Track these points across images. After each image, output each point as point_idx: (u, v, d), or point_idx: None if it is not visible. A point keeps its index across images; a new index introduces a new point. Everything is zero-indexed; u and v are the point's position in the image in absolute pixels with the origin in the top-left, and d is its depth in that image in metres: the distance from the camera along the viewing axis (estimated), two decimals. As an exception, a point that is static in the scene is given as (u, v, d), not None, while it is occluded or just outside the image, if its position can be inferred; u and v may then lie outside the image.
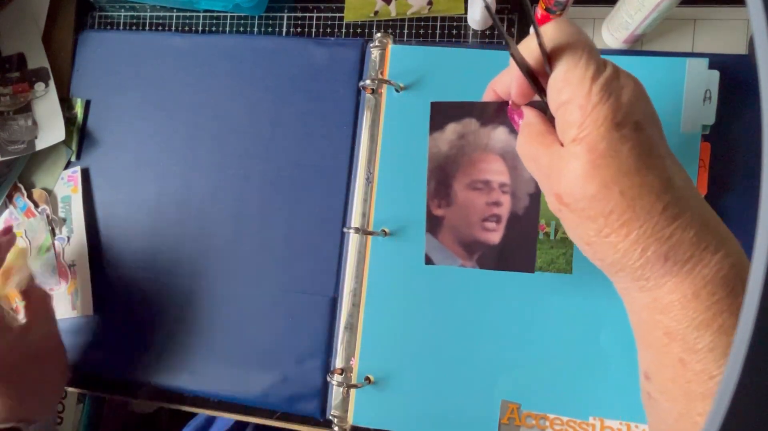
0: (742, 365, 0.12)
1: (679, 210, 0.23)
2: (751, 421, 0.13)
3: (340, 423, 0.40)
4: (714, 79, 0.38)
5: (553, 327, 0.38)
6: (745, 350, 0.12)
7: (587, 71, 0.23)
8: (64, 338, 0.48)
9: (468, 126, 0.31)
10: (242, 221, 0.45)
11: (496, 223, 0.32)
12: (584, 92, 0.23)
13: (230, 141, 0.46)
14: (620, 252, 0.24)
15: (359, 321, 0.41)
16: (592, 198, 0.23)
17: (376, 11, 0.45)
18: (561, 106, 0.24)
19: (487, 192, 0.32)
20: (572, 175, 0.24)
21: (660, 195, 0.23)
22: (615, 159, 0.23)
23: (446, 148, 0.32)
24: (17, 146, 0.48)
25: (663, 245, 0.23)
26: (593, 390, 0.38)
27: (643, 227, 0.23)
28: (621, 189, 0.23)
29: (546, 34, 0.24)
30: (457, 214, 0.33)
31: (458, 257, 0.34)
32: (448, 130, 0.32)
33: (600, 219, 0.23)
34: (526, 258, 0.32)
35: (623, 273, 0.25)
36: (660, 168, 0.23)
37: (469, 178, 0.32)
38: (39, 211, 0.49)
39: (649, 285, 0.24)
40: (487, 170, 0.32)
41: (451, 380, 0.39)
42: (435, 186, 0.33)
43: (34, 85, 0.49)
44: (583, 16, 0.42)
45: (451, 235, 0.34)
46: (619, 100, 0.23)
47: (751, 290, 0.13)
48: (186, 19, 0.50)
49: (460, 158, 0.32)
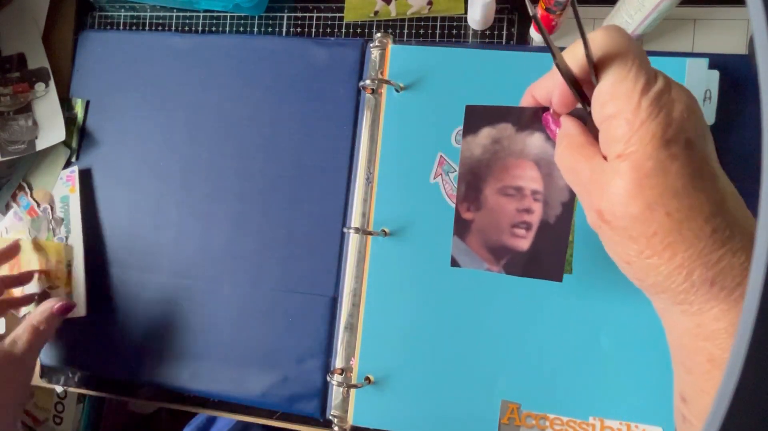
0: (741, 367, 0.12)
1: (730, 233, 0.22)
2: (750, 422, 0.13)
3: (340, 423, 0.40)
4: (714, 79, 0.38)
5: (553, 327, 0.38)
6: (744, 351, 0.12)
7: (636, 84, 0.22)
8: (64, 338, 0.48)
9: (503, 131, 0.30)
10: (242, 221, 0.45)
11: (525, 230, 0.31)
12: (632, 107, 0.22)
13: (230, 141, 0.46)
14: (662, 275, 0.23)
15: (359, 321, 0.41)
16: (635, 218, 0.22)
17: (376, 11, 0.45)
18: (606, 119, 0.23)
19: (518, 198, 0.31)
20: (615, 192, 0.22)
21: (709, 218, 0.21)
22: (662, 179, 0.21)
23: (479, 152, 0.31)
24: (17, 146, 0.48)
25: (710, 270, 0.22)
26: (593, 390, 0.38)
27: (689, 251, 0.22)
28: (667, 210, 0.22)
29: (594, 41, 0.23)
30: (486, 218, 0.32)
31: (485, 261, 0.33)
32: (482, 134, 0.31)
33: (642, 240, 0.22)
34: (554, 267, 0.31)
35: (665, 295, 0.23)
36: (711, 188, 0.22)
37: (501, 183, 0.31)
38: (41, 210, 0.49)
39: (692, 309, 0.23)
40: (521, 176, 0.31)
41: (451, 380, 0.39)
42: (465, 190, 0.32)
43: (34, 85, 0.49)
44: (583, 16, 0.42)
45: (479, 239, 0.33)
46: (669, 115, 0.21)
47: (751, 290, 0.13)
48: (186, 19, 0.50)
49: (493, 163, 0.31)
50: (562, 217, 0.30)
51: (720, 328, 0.22)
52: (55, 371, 0.49)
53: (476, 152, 0.31)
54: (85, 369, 0.48)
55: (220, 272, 0.45)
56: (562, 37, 0.42)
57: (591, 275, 0.38)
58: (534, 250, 0.31)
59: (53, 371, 0.49)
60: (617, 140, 0.22)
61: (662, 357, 0.37)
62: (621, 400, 0.37)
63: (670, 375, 0.37)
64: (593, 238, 0.38)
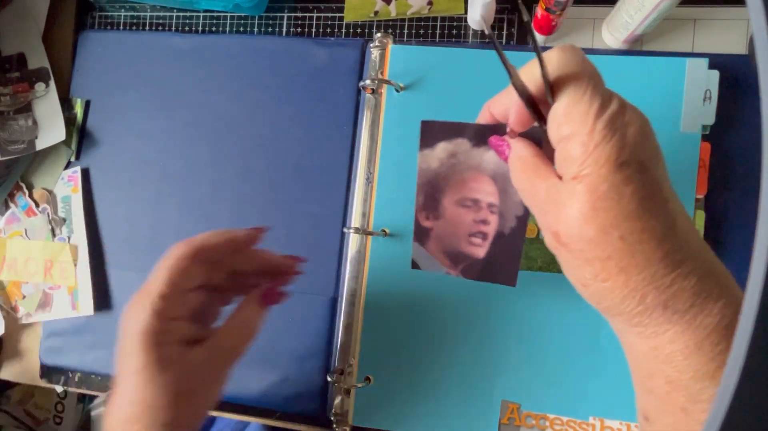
0: (740, 370, 0.12)
1: (681, 257, 0.22)
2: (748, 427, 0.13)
3: (340, 423, 0.40)
4: (714, 79, 0.38)
5: (553, 328, 0.38)
6: (744, 353, 0.12)
7: (591, 106, 0.22)
8: (64, 338, 0.48)
9: (460, 146, 0.31)
10: (242, 221, 0.45)
11: (482, 239, 0.33)
12: (587, 129, 0.22)
13: (230, 141, 0.46)
14: (617, 299, 0.23)
15: (359, 321, 0.41)
16: (590, 241, 0.22)
17: (376, 11, 0.45)
18: (562, 140, 0.23)
19: (475, 210, 0.32)
20: (571, 215, 0.22)
21: (661, 241, 0.22)
22: (616, 202, 0.21)
23: (436, 164, 0.32)
24: (17, 146, 0.48)
25: (662, 293, 0.22)
26: (593, 391, 0.38)
27: (641, 275, 0.22)
28: (621, 234, 0.22)
29: (550, 61, 0.23)
30: (444, 227, 0.33)
31: (444, 266, 0.34)
32: (438, 148, 0.32)
33: (597, 264, 0.22)
34: (509, 273, 0.33)
35: (620, 317, 0.24)
36: (663, 212, 0.22)
37: (458, 194, 0.32)
38: (40, 210, 0.49)
39: (647, 332, 0.23)
40: (477, 190, 0.32)
41: (451, 380, 0.39)
42: (424, 200, 0.33)
43: (34, 85, 0.49)
44: (583, 16, 0.42)
45: (438, 245, 0.34)
46: (623, 138, 0.21)
47: (751, 290, 0.13)
48: (186, 19, 0.50)
49: (450, 176, 0.32)
50: (516, 229, 0.31)
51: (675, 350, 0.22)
52: (55, 371, 0.49)
53: (433, 165, 0.32)
54: (85, 369, 0.48)
55: (220, 272, 0.45)
56: (563, 37, 0.42)
57: (591, 275, 0.38)
58: (490, 257, 0.33)
59: (53, 371, 0.49)
60: (572, 161, 0.22)
61: (662, 357, 0.37)
62: (621, 400, 0.37)
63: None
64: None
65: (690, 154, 0.38)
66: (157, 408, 0.27)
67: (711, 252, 0.24)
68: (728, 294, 0.23)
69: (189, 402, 0.28)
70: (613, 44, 0.41)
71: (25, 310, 0.49)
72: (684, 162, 0.38)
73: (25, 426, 0.77)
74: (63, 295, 0.48)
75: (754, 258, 0.13)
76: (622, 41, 0.40)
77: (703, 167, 0.38)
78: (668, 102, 0.38)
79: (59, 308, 0.48)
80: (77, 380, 0.49)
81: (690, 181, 0.37)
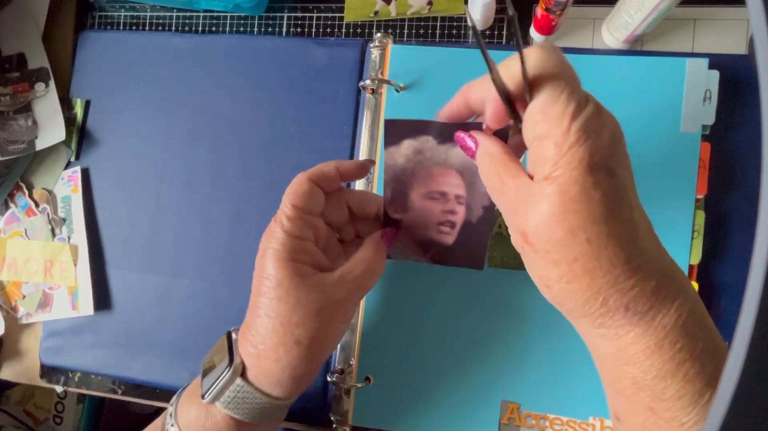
0: (740, 370, 0.12)
1: (642, 261, 0.22)
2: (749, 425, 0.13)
3: (340, 423, 0.40)
4: (714, 79, 0.38)
5: (553, 328, 0.38)
6: (744, 352, 0.12)
7: (567, 107, 0.22)
8: (64, 338, 0.48)
9: (425, 143, 0.32)
10: (242, 221, 0.45)
11: (450, 228, 0.33)
12: (562, 130, 0.22)
13: (230, 141, 0.46)
14: (581, 301, 0.23)
15: (359, 321, 0.41)
16: (558, 242, 0.22)
17: (376, 11, 0.45)
18: (536, 139, 0.23)
19: (443, 201, 0.33)
20: (540, 216, 0.23)
21: (625, 245, 0.22)
22: (586, 205, 0.22)
23: (402, 161, 0.33)
24: (17, 146, 0.48)
25: (624, 296, 0.22)
26: (593, 391, 0.38)
27: (606, 278, 0.22)
28: (588, 236, 0.22)
29: (528, 59, 0.23)
30: (413, 218, 0.34)
31: (413, 254, 0.36)
32: (404, 145, 0.32)
33: (563, 265, 0.23)
34: (476, 258, 0.34)
35: (584, 320, 0.24)
36: (628, 217, 0.22)
37: (426, 188, 0.33)
38: (40, 210, 0.49)
39: (610, 334, 0.24)
40: (445, 183, 0.32)
41: (451, 380, 0.39)
42: (391, 195, 0.34)
43: (34, 85, 0.49)
44: (583, 16, 0.42)
45: (408, 236, 0.35)
46: (597, 142, 0.22)
47: (752, 290, 0.13)
48: (186, 19, 0.50)
49: (417, 171, 0.33)
50: (483, 217, 0.33)
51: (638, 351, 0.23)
52: (55, 371, 0.49)
53: (399, 161, 0.33)
54: (85, 369, 0.48)
55: (220, 272, 0.45)
56: (563, 37, 0.42)
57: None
58: (458, 244, 0.34)
59: (53, 371, 0.49)
60: (545, 161, 0.22)
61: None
62: (621, 400, 0.37)
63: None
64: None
65: (690, 154, 0.38)
66: (291, 324, 0.28)
67: (669, 256, 0.24)
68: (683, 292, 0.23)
69: (320, 323, 0.29)
70: (613, 44, 0.41)
71: (25, 310, 0.49)
72: (684, 162, 0.38)
73: (25, 426, 0.77)
74: (63, 295, 0.48)
75: (754, 258, 0.13)
76: (622, 41, 0.40)
77: (703, 167, 0.38)
78: (668, 102, 0.38)
79: (59, 308, 0.48)
80: (77, 380, 0.49)
81: (690, 181, 0.37)
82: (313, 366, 0.31)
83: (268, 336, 0.29)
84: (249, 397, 0.30)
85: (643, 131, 0.38)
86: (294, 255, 0.29)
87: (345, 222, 0.35)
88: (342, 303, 0.30)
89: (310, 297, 0.29)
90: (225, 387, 0.30)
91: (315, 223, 0.32)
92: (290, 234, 0.30)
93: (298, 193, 0.31)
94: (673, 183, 0.38)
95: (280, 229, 0.30)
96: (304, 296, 0.28)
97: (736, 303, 0.38)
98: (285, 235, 0.30)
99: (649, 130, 0.38)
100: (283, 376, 0.29)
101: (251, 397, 0.30)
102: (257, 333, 0.30)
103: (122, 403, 0.80)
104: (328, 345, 0.31)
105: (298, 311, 0.28)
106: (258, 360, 0.30)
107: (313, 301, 0.29)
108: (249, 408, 0.30)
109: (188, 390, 0.34)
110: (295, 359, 0.29)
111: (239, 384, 0.30)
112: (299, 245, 0.30)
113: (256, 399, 0.30)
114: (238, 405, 0.30)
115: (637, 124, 0.38)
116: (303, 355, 0.29)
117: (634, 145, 0.38)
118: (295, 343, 0.29)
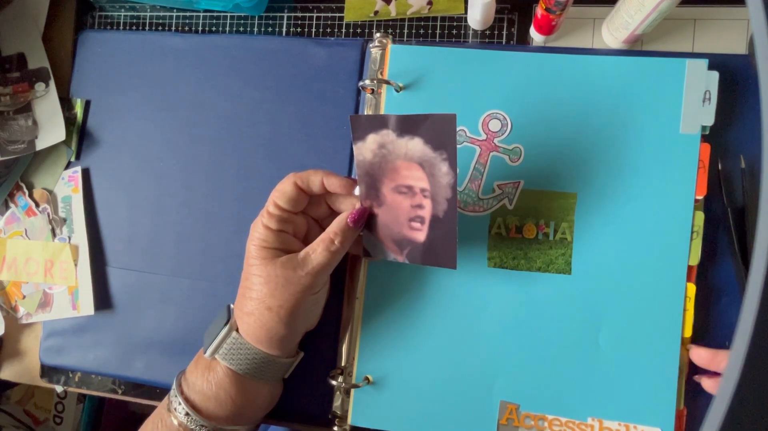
0: (740, 370, 0.12)
1: None
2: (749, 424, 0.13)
3: (340, 423, 0.41)
4: (713, 80, 0.38)
5: (551, 328, 0.38)
6: (744, 353, 0.12)
7: None
8: (64, 338, 0.48)
9: (386, 137, 0.34)
10: (242, 221, 0.45)
11: (420, 224, 0.35)
12: None
13: (230, 141, 0.46)
14: None
15: (358, 321, 0.41)
16: None
17: (376, 11, 0.45)
18: None
19: (410, 196, 0.35)
20: None
21: None
22: None
23: (370, 155, 0.35)
24: (17, 146, 0.48)
25: None
26: (592, 391, 0.38)
27: None
28: None
29: None
30: (387, 213, 0.36)
31: (391, 251, 0.37)
32: (369, 140, 0.35)
33: None
34: (448, 256, 0.35)
35: None
36: None
37: (394, 182, 0.35)
38: (40, 210, 0.49)
39: None
40: (409, 176, 0.35)
41: (450, 380, 0.39)
42: (366, 189, 0.36)
43: (34, 85, 0.49)
44: (583, 16, 0.42)
45: (385, 232, 0.37)
46: None
47: (752, 290, 0.13)
48: (186, 19, 0.50)
49: (384, 165, 0.35)
50: (448, 211, 0.34)
51: None
52: (55, 371, 0.49)
53: (368, 156, 0.35)
54: (85, 369, 0.48)
55: (221, 272, 0.45)
56: (563, 37, 0.42)
57: (589, 276, 0.38)
58: (429, 241, 0.35)
59: (53, 371, 0.49)
60: None
61: (661, 358, 0.37)
62: (619, 401, 0.37)
63: (668, 375, 0.37)
64: (592, 239, 0.38)
65: (689, 155, 0.38)
66: (263, 294, 0.35)
67: None
68: None
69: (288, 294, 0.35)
70: (613, 44, 0.41)
71: (25, 310, 0.49)
72: (683, 163, 0.38)
73: (25, 426, 0.77)
74: (63, 295, 0.48)
75: (754, 258, 0.13)
76: (622, 41, 0.40)
77: (703, 168, 0.38)
78: (668, 102, 0.38)
79: (59, 308, 0.48)
80: (77, 380, 0.49)
81: (689, 181, 0.37)
82: (287, 330, 0.36)
83: (247, 303, 0.36)
84: (243, 349, 0.36)
85: (642, 132, 0.38)
86: (270, 244, 0.36)
87: (326, 216, 0.39)
88: (306, 277, 0.35)
89: (277, 272, 0.35)
90: (223, 340, 0.37)
91: (295, 220, 0.37)
92: (269, 228, 0.36)
93: (283, 196, 0.36)
94: (672, 184, 0.38)
95: (261, 224, 0.36)
96: (273, 272, 0.35)
97: (736, 303, 0.38)
98: (264, 229, 0.36)
99: (649, 131, 0.38)
100: (261, 334, 0.36)
101: (244, 348, 0.36)
102: (242, 301, 0.37)
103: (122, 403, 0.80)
104: (299, 314, 0.36)
105: (269, 284, 0.35)
106: (242, 321, 0.37)
107: (280, 276, 0.35)
108: (242, 358, 0.36)
109: (187, 369, 0.39)
110: (268, 322, 0.35)
111: (234, 337, 0.37)
112: (277, 236, 0.36)
113: (248, 349, 0.36)
114: (234, 355, 0.36)
115: (637, 124, 0.38)
116: (274, 319, 0.35)
117: (633, 145, 0.38)
118: (266, 309, 0.35)
